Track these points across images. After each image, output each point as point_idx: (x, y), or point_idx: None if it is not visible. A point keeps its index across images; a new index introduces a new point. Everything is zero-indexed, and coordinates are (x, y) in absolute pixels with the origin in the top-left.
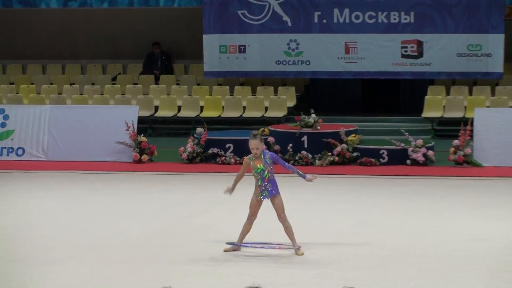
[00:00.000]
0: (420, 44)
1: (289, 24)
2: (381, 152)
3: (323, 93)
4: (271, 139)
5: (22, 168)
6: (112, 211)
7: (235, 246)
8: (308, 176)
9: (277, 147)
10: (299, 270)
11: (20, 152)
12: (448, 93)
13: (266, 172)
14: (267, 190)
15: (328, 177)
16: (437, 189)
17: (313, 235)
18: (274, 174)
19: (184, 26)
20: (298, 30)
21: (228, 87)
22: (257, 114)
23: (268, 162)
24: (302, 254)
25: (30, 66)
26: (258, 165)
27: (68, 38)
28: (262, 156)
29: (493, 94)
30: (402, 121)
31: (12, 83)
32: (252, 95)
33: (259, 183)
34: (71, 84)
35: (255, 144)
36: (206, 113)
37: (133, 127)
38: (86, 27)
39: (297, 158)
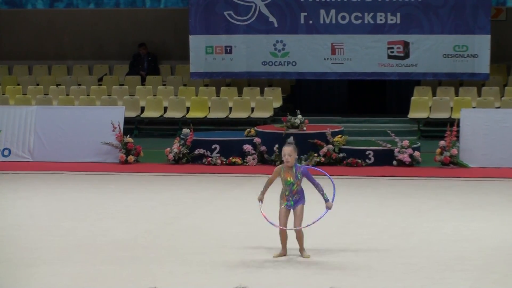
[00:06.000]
0: (406, 45)
1: (275, 25)
2: (367, 153)
3: (309, 94)
4: (257, 140)
5: (8, 169)
6: (98, 211)
7: (282, 252)
8: (330, 203)
9: (263, 148)
10: (286, 270)
11: (6, 152)
12: (434, 94)
13: (295, 185)
14: (293, 200)
15: (314, 178)
16: (424, 190)
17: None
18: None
19: (170, 27)
20: (284, 31)
21: (214, 88)
22: (243, 115)
23: (299, 178)
24: (309, 256)
25: (16, 67)
26: (288, 178)
27: (54, 39)
28: (294, 170)
29: (479, 95)
30: (388, 122)
31: None
32: (238, 96)
33: (286, 193)
34: (57, 85)
35: (287, 151)
36: (192, 114)
37: (119, 128)
38: (72, 28)
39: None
